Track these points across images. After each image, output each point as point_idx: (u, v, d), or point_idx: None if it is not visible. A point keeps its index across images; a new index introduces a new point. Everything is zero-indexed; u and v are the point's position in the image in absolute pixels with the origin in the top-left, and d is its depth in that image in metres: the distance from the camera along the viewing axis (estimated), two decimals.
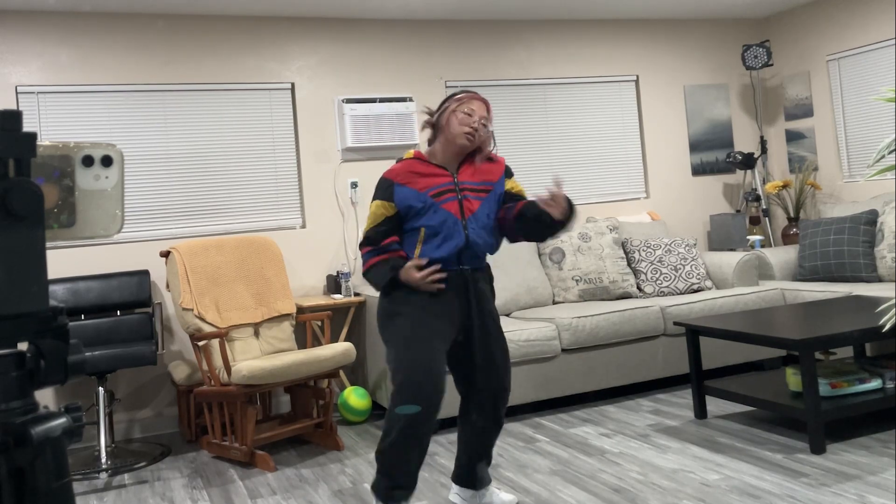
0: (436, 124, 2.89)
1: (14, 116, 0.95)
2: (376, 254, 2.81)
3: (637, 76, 5.98)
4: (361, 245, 2.86)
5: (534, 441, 3.85)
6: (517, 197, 2.94)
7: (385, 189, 2.81)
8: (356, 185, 5.09)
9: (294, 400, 4.29)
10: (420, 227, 2.78)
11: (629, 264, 5.15)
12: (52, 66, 4.54)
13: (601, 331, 4.41)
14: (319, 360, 3.91)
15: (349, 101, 5.06)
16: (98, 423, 3.96)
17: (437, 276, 2.76)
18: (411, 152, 2.91)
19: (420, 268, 2.77)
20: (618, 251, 5.09)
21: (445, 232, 2.77)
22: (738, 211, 6.09)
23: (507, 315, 4.88)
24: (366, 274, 2.84)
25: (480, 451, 2.93)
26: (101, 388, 4.02)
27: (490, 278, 2.95)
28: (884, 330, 3.38)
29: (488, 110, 2.87)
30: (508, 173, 2.96)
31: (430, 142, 2.93)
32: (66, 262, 4.50)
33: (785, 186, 5.85)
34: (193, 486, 3.61)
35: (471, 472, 2.96)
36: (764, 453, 3.36)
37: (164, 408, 4.67)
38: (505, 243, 4.96)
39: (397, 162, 2.89)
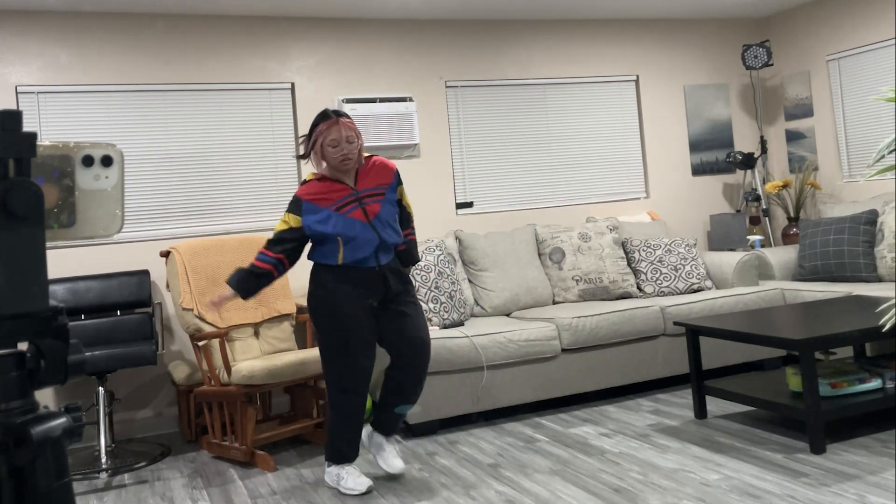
0: (311, 154, 3.33)
1: (14, 116, 0.95)
2: (261, 259, 3.31)
3: (637, 76, 5.98)
4: (267, 245, 3.34)
5: (534, 441, 3.85)
6: (405, 212, 3.49)
7: (294, 204, 3.31)
8: None
9: (294, 400, 4.29)
10: (336, 235, 3.25)
11: (629, 264, 5.15)
12: (52, 66, 4.54)
13: (601, 331, 4.41)
14: (319, 361, 3.91)
15: (349, 101, 5.06)
16: (98, 423, 3.96)
17: (214, 303, 3.28)
18: (311, 174, 3.38)
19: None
20: (618, 251, 5.09)
21: (361, 236, 3.26)
22: (738, 211, 6.10)
23: (508, 315, 4.88)
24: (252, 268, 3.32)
25: (406, 395, 3.42)
26: (101, 388, 4.02)
27: (399, 267, 3.42)
28: (884, 330, 3.38)
29: (349, 126, 3.28)
30: (399, 180, 3.45)
31: (304, 156, 3.36)
32: (66, 262, 4.50)
33: (785, 186, 5.85)
34: (193, 486, 3.61)
35: (383, 419, 3.45)
36: (764, 453, 3.36)
37: (164, 408, 4.67)
38: (505, 245, 5.00)
39: (303, 184, 3.36)
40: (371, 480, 3.34)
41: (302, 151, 3.38)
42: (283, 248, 3.32)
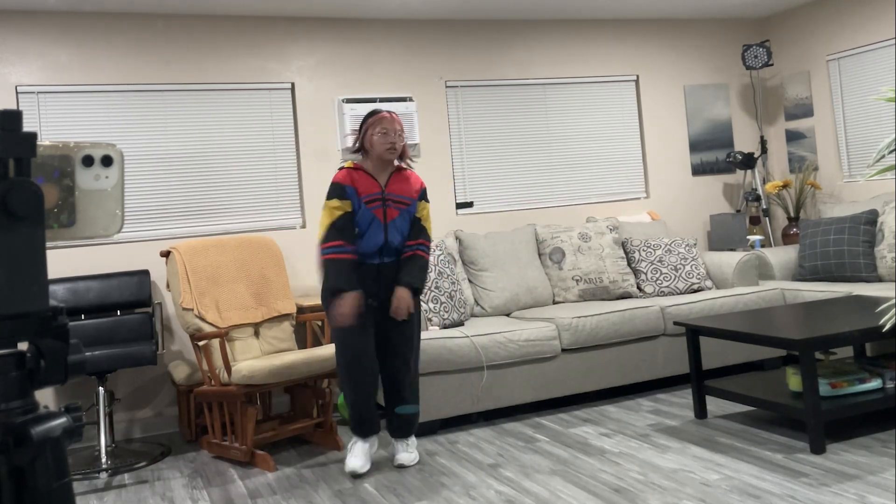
0: (362, 146, 3.56)
1: (14, 116, 0.95)
2: (341, 251, 3.43)
3: (637, 76, 5.98)
4: (325, 239, 3.43)
5: (534, 441, 3.85)
6: (419, 225, 3.60)
7: (340, 190, 3.48)
8: None
9: (294, 400, 4.29)
10: (356, 227, 3.48)
11: (629, 264, 5.15)
12: (52, 66, 4.54)
13: (601, 331, 4.41)
14: (319, 360, 3.91)
15: (349, 101, 5.06)
16: (98, 423, 3.97)
17: (348, 313, 3.39)
18: (349, 162, 3.56)
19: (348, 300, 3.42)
20: (618, 251, 5.09)
21: (371, 232, 3.49)
22: (738, 211, 6.10)
23: (508, 315, 4.88)
24: (327, 263, 3.44)
25: (394, 398, 3.62)
26: (101, 388, 4.02)
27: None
28: (884, 330, 3.38)
29: (398, 121, 3.54)
30: (423, 196, 3.64)
31: (357, 151, 3.58)
32: (66, 262, 4.50)
33: (785, 186, 5.85)
34: (193, 486, 3.61)
35: (390, 421, 3.66)
36: (764, 453, 3.36)
37: (164, 408, 4.67)
38: (505, 245, 5.00)
39: (340, 170, 3.54)
40: (362, 466, 3.52)
41: (351, 144, 3.62)
42: (347, 236, 3.46)
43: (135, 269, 4.58)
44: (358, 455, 3.56)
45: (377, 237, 3.50)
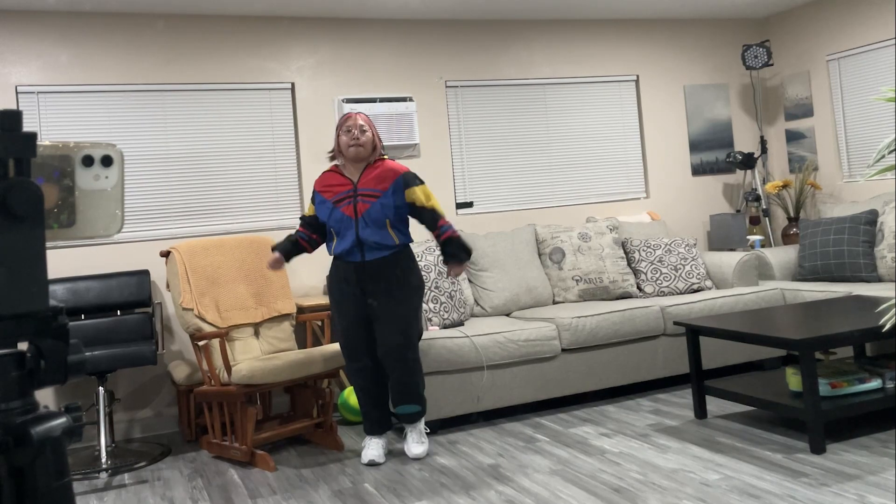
0: (337, 151, 3.72)
1: (14, 116, 0.95)
2: (297, 234, 3.80)
3: (637, 76, 5.98)
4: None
5: (534, 441, 3.85)
6: (424, 209, 3.64)
7: (313, 195, 3.78)
8: None
9: (294, 400, 4.30)
10: (331, 227, 3.68)
11: (629, 264, 5.15)
12: (52, 66, 4.54)
13: (601, 331, 4.41)
14: (319, 360, 3.92)
15: (349, 101, 5.06)
16: (98, 423, 3.97)
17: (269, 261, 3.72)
18: (331, 165, 3.79)
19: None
20: (618, 251, 5.09)
21: (343, 231, 3.63)
22: (738, 211, 6.10)
23: (508, 315, 4.88)
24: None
25: (395, 396, 3.70)
26: (101, 388, 4.02)
27: (399, 262, 3.63)
28: (884, 330, 3.38)
29: (362, 118, 3.66)
30: (407, 183, 3.64)
31: (333, 158, 3.76)
32: (66, 262, 4.50)
33: (785, 186, 5.85)
34: (193, 486, 3.61)
35: (392, 416, 3.82)
36: (764, 453, 3.36)
37: (164, 408, 4.67)
38: (505, 245, 5.01)
39: (322, 173, 3.76)
40: (379, 457, 3.66)
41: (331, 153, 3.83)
42: (311, 230, 3.79)
43: (135, 269, 4.58)
44: (373, 447, 3.72)
45: (350, 235, 3.61)
